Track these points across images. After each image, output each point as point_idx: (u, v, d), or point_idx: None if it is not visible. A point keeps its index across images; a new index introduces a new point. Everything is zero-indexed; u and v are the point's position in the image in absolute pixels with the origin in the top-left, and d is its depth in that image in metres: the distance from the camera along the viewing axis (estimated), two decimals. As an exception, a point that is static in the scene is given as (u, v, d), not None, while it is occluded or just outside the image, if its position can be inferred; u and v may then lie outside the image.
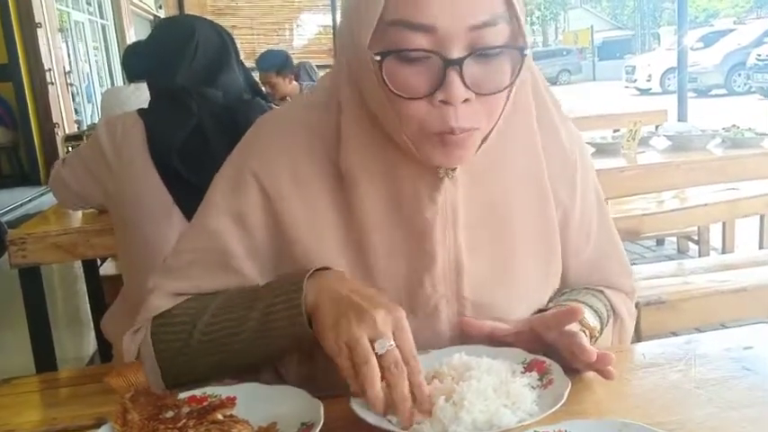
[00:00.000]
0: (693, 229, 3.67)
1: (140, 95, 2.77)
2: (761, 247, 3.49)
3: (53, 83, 3.66)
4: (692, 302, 1.98)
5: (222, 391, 0.77)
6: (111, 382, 0.77)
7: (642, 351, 0.91)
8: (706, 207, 3.04)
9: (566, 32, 40.53)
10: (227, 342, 0.82)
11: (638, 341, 1.34)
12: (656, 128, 3.59)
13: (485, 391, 0.71)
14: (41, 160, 3.53)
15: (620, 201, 3.02)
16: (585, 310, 0.86)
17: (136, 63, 3.00)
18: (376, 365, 0.69)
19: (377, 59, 0.74)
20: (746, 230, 3.77)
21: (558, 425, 0.67)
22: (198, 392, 0.78)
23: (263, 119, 0.93)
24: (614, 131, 3.77)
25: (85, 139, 2.63)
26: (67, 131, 3.74)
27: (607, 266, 0.99)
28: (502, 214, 0.87)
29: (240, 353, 0.82)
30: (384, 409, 0.70)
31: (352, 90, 0.83)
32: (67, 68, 4.36)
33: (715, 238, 3.70)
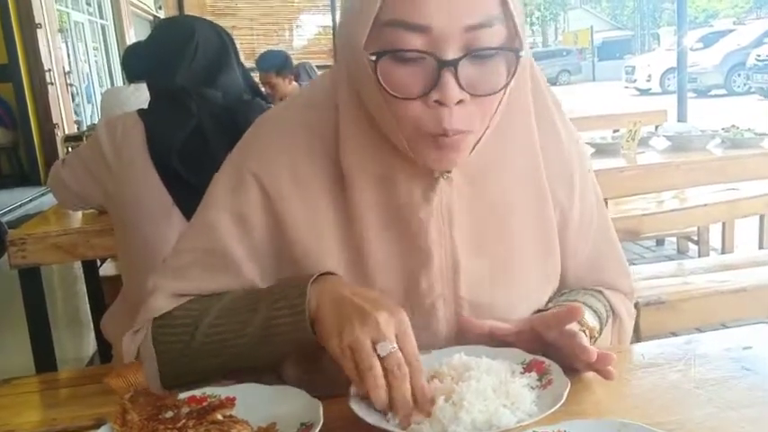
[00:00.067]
0: (693, 229, 3.67)
1: (140, 96, 2.77)
2: (761, 247, 3.49)
3: (53, 83, 3.66)
4: (691, 303, 1.98)
5: (222, 392, 0.77)
6: (111, 382, 0.77)
7: (641, 351, 0.91)
8: (706, 207, 3.04)
9: (565, 33, 40.52)
10: (229, 345, 0.82)
11: (637, 341, 1.34)
12: (656, 128, 3.59)
13: (484, 391, 0.71)
14: (41, 161, 3.53)
15: (619, 201, 3.02)
16: (585, 310, 0.86)
17: (135, 63, 3.00)
18: (380, 369, 0.70)
19: (372, 59, 0.74)
20: (746, 231, 3.77)
21: (558, 425, 0.67)
22: (197, 393, 0.78)
23: (262, 118, 0.93)
24: (614, 132, 3.77)
25: (85, 139, 2.63)
26: (67, 132, 3.74)
27: (606, 267, 0.99)
28: (500, 214, 0.87)
29: (242, 356, 0.82)
30: (386, 408, 0.70)
31: (351, 91, 0.83)
32: (67, 69, 4.37)
33: (715, 238, 3.70)
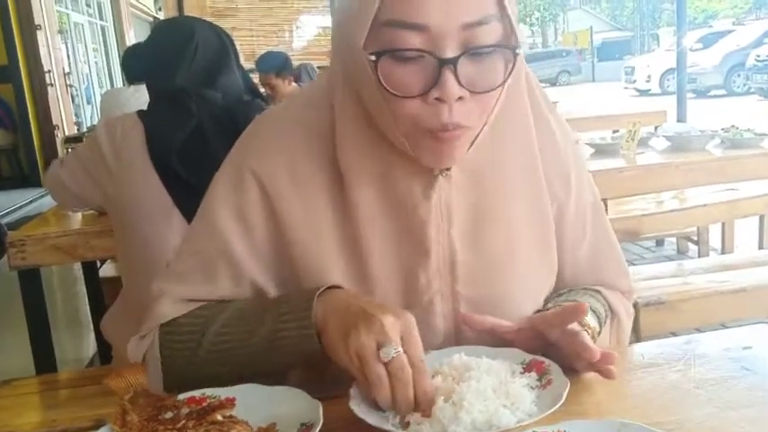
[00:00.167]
0: (693, 229, 3.67)
1: (140, 97, 2.77)
2: (760, 247, 3.49)
3: (53, 84, 3.66)
4: (691, 303, 1.98)
5: (221, 392, 0.77)
6: (111, 383, 0.77)
7: (641, 351, 0.91)
8: (705, 207, 3.04)
9: (565, 34, 40.55)
10: (234, 354, 0.82)
11: (637, 342, 1.34)
12: (656, 128, 3.59)
13: (484, 391, 0.71)
14: (41, 162, 3.52)
15: (619, 201, 3.02)
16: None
17: (135, 65, 3.01)
18: (385, 376, 0.70)
19: (372, 59, 0.74)
20: (746, 231, 3.77)
21: (557, 425, 0.67)
22: (197, 393, 0.78)
23: (261, 117, 0.93)
24: (614, 132, 3.77)
25: (85, 140, 2.62)
26: (67, 133, 3.74)
27: (604, 265, 0.99)
28: (498, 211, 0.88)
29: (247, 365, 0.83)
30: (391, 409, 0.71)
31: (348, 90, 0.83)
32: (67, 70, 4.36)
33: (714, 238, 3.70)
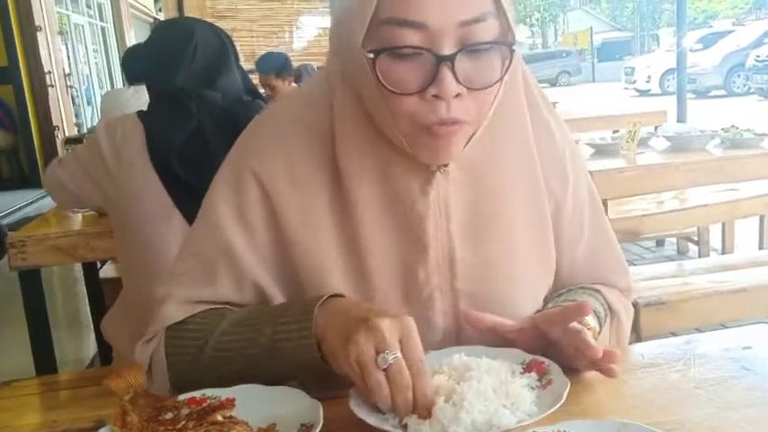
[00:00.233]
0: (693, 229, 3.67)
1: (140, 98, 2.77)
2: (760, 247, 3.49)
3: (53, 85, 3.66)
4: (691, 303, 1.98)
5: (221, 393, 0.77)
6: (111, 384, 0.77)
7: (641, 351, 0.91)
8: (706, 208, 3.03)
9: (565, 34, 40.54)
10: (236, 360, 0.82)
11: (637, 342, 1.34)
12: (656, 129, 3.59)
13: (484, 391, 0.71)
14: (41, 163, 3.52)
15: (619, 201, 3.02)
16: None
17: (135, 65, 3.01)
18: (385, 383, 0.70)
19: (370, 57, 0.75)
20: (746, 231, 3.77)
21: (557, 425, 0.67)
22: (197, 394, 0.78)
23: (260, 117, 0.94)
24: (614, 132, 3.78)
25: (85, 141, 2.62)
26: (67, 134, 3.74)
27: (603, 264, 0.99)
28: (496, 207, 0.88)
29: (249, 371, 0.82)
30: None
31: (347, 89, 0.84)
32: (67, 71, 4.36)
33: (715, 238, 3.70)
